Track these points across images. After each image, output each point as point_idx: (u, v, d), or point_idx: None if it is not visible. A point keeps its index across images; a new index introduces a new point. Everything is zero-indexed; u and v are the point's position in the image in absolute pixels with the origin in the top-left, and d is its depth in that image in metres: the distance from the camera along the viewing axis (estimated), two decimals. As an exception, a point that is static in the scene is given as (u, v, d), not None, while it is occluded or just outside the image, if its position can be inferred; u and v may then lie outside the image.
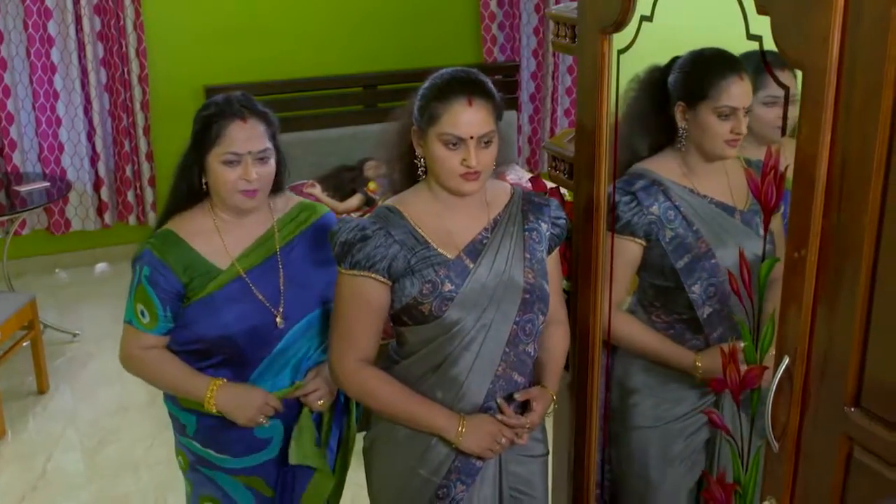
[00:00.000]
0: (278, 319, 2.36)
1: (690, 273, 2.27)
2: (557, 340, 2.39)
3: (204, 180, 2.33)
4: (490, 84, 2.14)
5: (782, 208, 1.95)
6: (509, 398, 2.25)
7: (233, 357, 2.35)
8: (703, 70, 2.15)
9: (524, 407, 2.28)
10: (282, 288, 2.38)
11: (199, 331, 2.34)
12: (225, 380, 2.34)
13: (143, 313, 2.34)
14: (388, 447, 2.30)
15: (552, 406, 2.37)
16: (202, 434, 2.42)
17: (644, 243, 2.33)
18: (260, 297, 2.35)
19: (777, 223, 2.06)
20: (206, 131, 2.27)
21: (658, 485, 2.49)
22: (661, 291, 2.37)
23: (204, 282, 2.32)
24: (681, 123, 2.21)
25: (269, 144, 2.32)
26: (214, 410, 2.33)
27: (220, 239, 2.36)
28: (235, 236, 2.37)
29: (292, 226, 2.46)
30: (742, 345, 2.12)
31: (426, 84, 2.16)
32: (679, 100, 2.19)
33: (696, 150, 2.22)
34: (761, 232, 2.19)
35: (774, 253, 2.04)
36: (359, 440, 2.41)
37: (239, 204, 2.33)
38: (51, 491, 3.90)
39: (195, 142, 2.30)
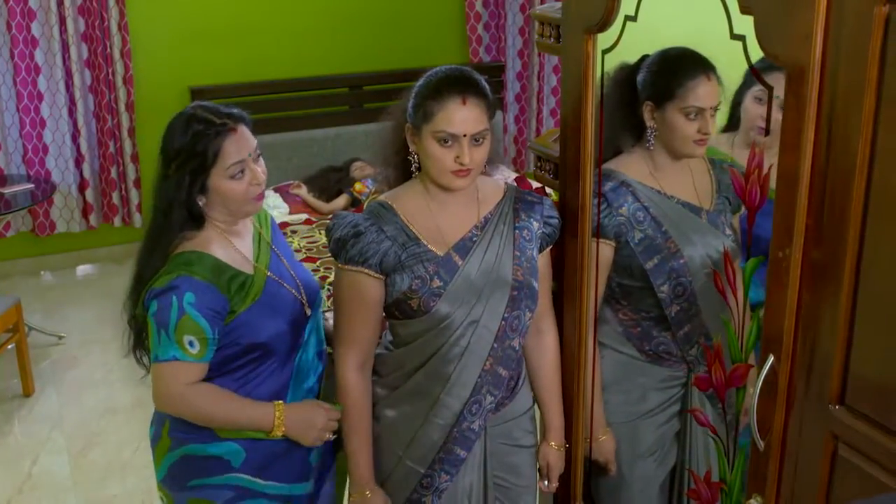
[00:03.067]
0: (306, 308, 2.36)
1: (659, 273, 2.29)
2: (549, 365, 2.44)
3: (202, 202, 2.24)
4: (484, 83, 2.17)
5: (742, 209, 1.97)
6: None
7: (280, 355, 2.30)
8: (671, 70, 2.16)
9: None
10: (294, 275, 2.38)
11: (250, 340, 2.24)
12: (283, 403, 2.28)
13: (191, 343, 2.15)
14: (375, 436, 2.33)
15: (563, 446, 2.49)
16: (256, 463, 2.31)
17: (614, 244, 2.33)
18: (290, 289, 2.34)
19: (736, 222, 2.08)
20: (200, 157, 2.17)
21: (629, 479, 2.51)
22: (628, 290, 2.38)
23: (243, 293, 2.23)
24: (649, 123, 2.22)
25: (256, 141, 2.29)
26: (281, 435, 2.27)
27: (232, 245, 2.29)
28: (238, 241, 2.32)
29: (262, 221, 2.45)
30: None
31: (421, 82, 2.18)
32: (647, 99, 2.20)
33: (665, 149, 2.24)
34: (727, 231, 2.21)
35: (740, 251, 2.06)
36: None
37: (252, 210, 2.30)
38: (37, 494, 3.88)
39: (192, 170, 2.19)
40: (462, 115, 2.09)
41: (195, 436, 2.28)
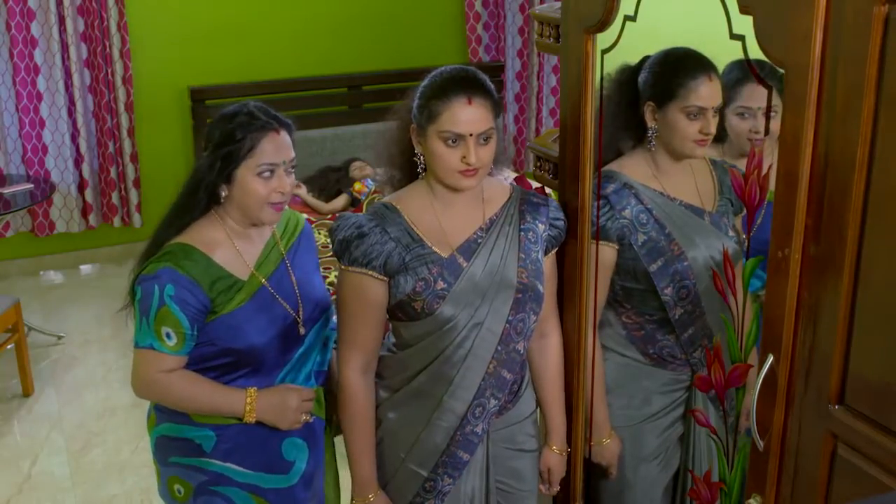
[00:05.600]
0: (300, 326, 2.34)
1: (663, 276, 2.28)
2: (553, 368, 2.43)
3: (223, 193, 2.25)
4: (489, 82, 2.16)
5: (745, 211, 1.97)
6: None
7: (259, 367, 2.30)
8: (673, 70, 2.16)
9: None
10: (297, 292, 2.36)
11: (227, 344, 2.25)
12: (256, 388, 2.29)
13: (168, 335, 2.19)
14: (377, 439, 2.33)
15: (565, 450, 2.50)
16: (224, 448, 2.33)
17: (617, 247, 2.33)
18: (284, 304, 2.32)
19: (739, 224, 2.08)
20: (237, 143, 2.19)
21: (633, 483, 2.51)
22: (631, 293, 2.37)
23: (229, 295, 2.24)
24: (650, 123, 2.22)
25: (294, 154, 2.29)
26: (254, 420, 2.28)
27: (235, 249, 2.28)
28: (246, 245, 2.31)
29: (289, 231, 2.43)
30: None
31: (425, 82, 2.17)
32: (648, 99, 2.20)
33: (665, 149, 2.23)
34: (730, 232, 2.21)
35: (743, 252, 2.06)
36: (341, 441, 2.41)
37: (266, 218, 2.27)
38: (36, 494, 3.88)
39: (224, 155, 2.20)
40: (468, 115, 2.09)
41: (173, 416, 2.34)
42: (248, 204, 2.24)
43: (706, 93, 2.09)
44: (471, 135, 2.08)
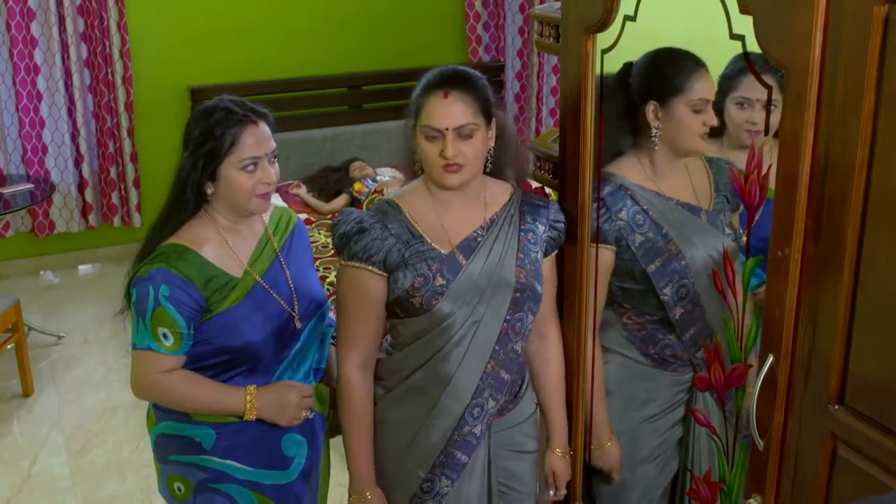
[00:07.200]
0: (296, 321, 2.35)
1: (661, 276, 2.28)
2: (553, 370, 2.43)
3: (209, 190, 2.26)
4: (476, 79, 2.16)
5: (741, 208, 1.98)
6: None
7: (256, 364, 2.31)
8: (674, 67, 2.17)
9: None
10: (292, 287, 2.37)
11: (224, 342, 2.26)
12: (255, 386, 2.30)
13: (165, 336, 2.20)
14: (375, 437, 2.33)
15: (568, 453, 2.49)
16: (224, 445, 2.34)
17: (615, 249, 2.33)
18: (280, 300, 2.33)
19: (735, 221, 2.08)
20: (217, 140, 2.20)
21: (631, 484, 2.50)
22: (630, 294, 2.37)
23: (223, 293, 2.25)
24: (654, 123, 2.22)
25: (275, 144, 2.30)
26: (254, 418, 2.30)
27: (227, 246, 2.29)
28: (237, 242, 2.32)
29: (281, 228, 2.44)
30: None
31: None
32: (651, 100, 2.20)
33: (669, 147, 2.23)
34: (727, 230, 2.21)
35: (740, 250, 2.07)
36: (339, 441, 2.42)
37: (256, 209, 2.28)
38: (36, 494, 3.88)
39: (206, 153, 2.20)
40: (444, 110, 2.10)
41: (172, 414, 2.35)
42: (236, 198, 2.25)
43: (707, 86, 2.11)
44: (447, 129, 2.09)
